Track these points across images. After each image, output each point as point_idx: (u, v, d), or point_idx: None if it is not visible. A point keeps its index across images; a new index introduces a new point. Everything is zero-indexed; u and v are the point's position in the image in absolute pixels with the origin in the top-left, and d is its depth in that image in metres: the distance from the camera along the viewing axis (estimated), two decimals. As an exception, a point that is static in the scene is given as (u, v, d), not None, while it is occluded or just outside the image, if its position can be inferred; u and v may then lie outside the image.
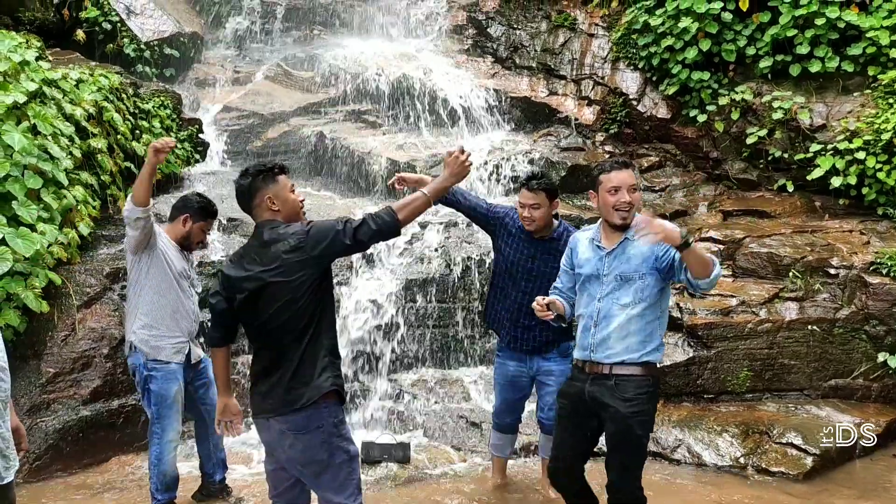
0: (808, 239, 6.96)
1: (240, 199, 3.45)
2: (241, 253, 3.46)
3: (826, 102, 7.77)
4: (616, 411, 3.66)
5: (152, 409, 4.53)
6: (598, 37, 9.46)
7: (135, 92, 7.60)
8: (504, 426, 5.02)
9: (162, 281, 4.54)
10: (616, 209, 3.71)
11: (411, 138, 8.91)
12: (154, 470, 4.54)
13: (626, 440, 3.69)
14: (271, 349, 3.32)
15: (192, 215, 4.65)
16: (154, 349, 4.51)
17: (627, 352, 3.68)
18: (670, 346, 6.48)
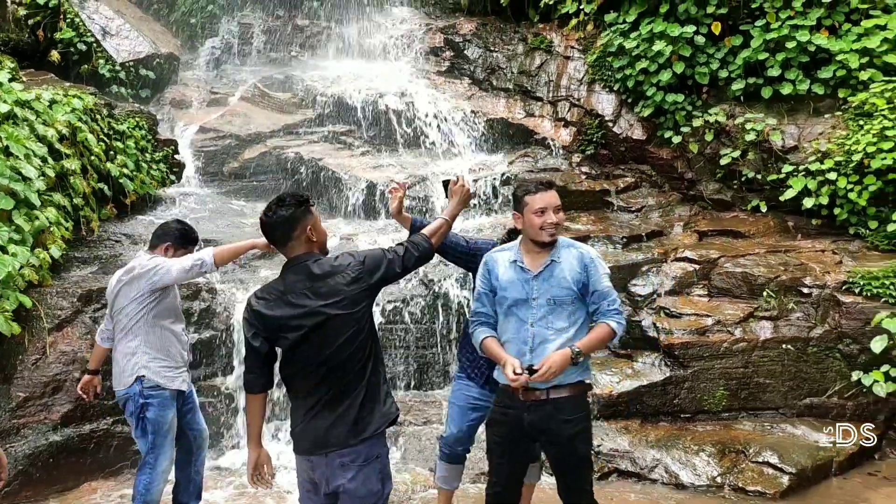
0: (782, 259, 7.03)
1: (278, 230, 3.27)
2: (280, 289, 3.26)
3: (797, 124, 7.90)
4: (558, 434, 3.69)
5: (149, 438, 4.42)
6: (574, 59, 9.56)
7: (109, 113, 7.56)
8: (455, 456, 4.64)
9: (170, 315, 4.52)
10: (543, 229, 3.74)
11: (389, 159, 8.93)
12: (139, 499, 4.41)
13: (574, 460, 3.74)
14: (333, 383, 3.25)
15: (172, 243, 4.60)
16: (166, 379, 4.46)
17: (564, 376, 3.66)
18: (647, 365, 6.52)
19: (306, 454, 3.29)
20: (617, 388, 6.35)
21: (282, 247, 3.33)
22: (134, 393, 4.40)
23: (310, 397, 3.27)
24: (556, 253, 3.76)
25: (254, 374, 3.31)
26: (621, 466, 5.85)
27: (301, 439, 3.30)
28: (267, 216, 3.29)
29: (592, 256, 3.79)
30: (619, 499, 5.43)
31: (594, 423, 6.15)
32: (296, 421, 3.33)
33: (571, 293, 3.72)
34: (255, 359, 3.30)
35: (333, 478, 3.23)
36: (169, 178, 8.17)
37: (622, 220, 8.33)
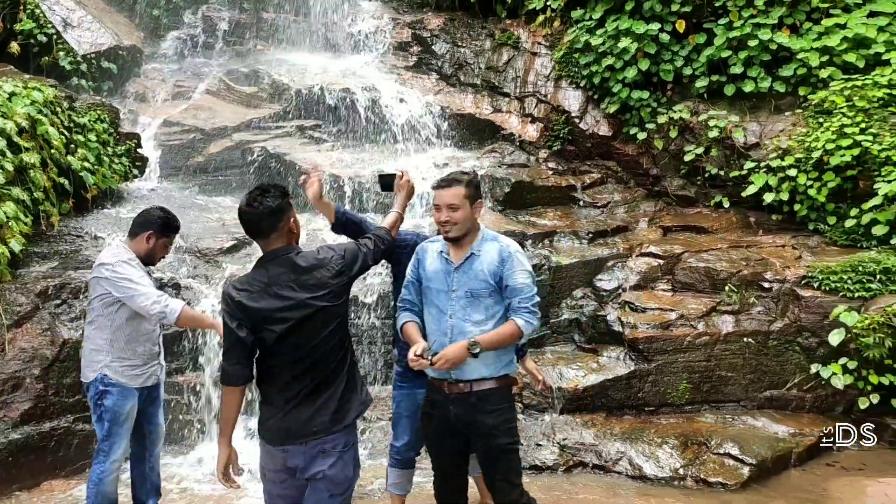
0: (744, 254, 7.14)
1: (264, 220, 3.26)
2: (263, 281, 3.25)
3: (759, 121, 8.02)
4: (481, 426, 3.72)
5: (104, 426, 4.40)
6: (541, 55, 9.60)
7: (70, 105, 7.42)
8: (406, 461, 4.61)
9: (134, 319, 4.46)
10: (439, 224, 3.81)
11: (356, 154, 8.88)
12: (93, 489, 4.39)
13: (497, 451, 3.76)
14: (316, 372, 3.30)
15: (155, 231, 4.53)
16: (129, 377, 4.43)
17: (486, 368, 3.71)
18: (612, 359, 6.59)
19: (282, 444, 3.29)
20: (582, 382, 6.41)
21: (263, 238, 3.31)
22: (95, 379, 4.40)
23: (289, 389, 3.29)
24: (478, 246, 3.79)
25: (238, 365, 3.25)
26: (586, 459, 5.92)
27: (276, 430, 3.30)
28: (252, 206, 3.26)
29: (511, 251, 3.77)
30: (584, 491, 5.49)
31: (559, 417, 6.26)
32: (270, 413, 3.32)
33: (488, 286, 3.73)
34: (241, 350, 3.24)
35: (312, 465, 3.28)
36: (132, 173, 8.05)
37: (588, 215, 8.39)
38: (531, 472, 5.80)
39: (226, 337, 3.28)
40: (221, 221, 7.67)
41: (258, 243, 3.37)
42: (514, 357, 3.91)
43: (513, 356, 3.90)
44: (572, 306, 7.21)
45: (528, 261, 3.84)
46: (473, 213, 3.81)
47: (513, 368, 3.88)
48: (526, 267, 3.77)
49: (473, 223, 3.83)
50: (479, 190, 3.90)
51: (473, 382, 3.73)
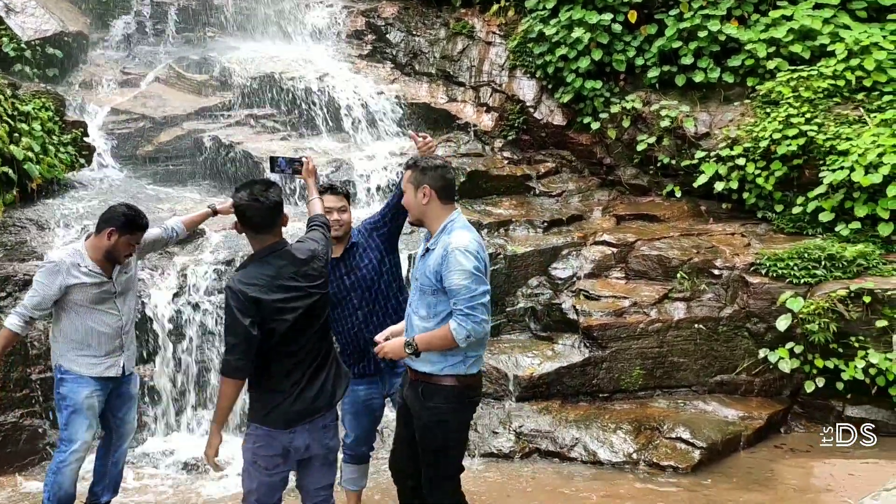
0: (695, 242, 7.28)
1: (269, 214, 3.43)
2: (269, 275, 3.39)
3: (709, 111, 8.16)
4: (419, 417, 3.68)
5: (63, 415, 4.34)
6: (496, 45, 9.61)
7: (13, 93, 7.21)
8: (360, 456, 4.58)
9: (79, 310, 4.36)
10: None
11: (309, 143, 8.80)
12: (51, 478, 4.29)
13: (427, 448, 3.69)
14: (316, 354, 3.55)
15: (117, 228, 4.36)
16: (84, 366, 4.36)
17: (430, 365, 3.62)
18: (567, 347, 6.66)
19: (289, 427, 3.45)
20: (538, 370, 6.47)
21: (264, 232, 3.45)
22: (55, 366, 4.39)
23: (296, 373, 3.47)
24: (435, 240, 3.65)
25: (244, 360, 3.34)
26: (542, 446, 5.98)
27: (285, 414, 3.45)
28: (259, 201, 3.39)
29: (451, 249, 3.52)
30: (540, 477, 5.56)
31: (515, 405, 6.31)
32: (277, 399, 3.45)
33: (431, 284, 3.60)
34: (250, 346, 3.33)
35: (315, 442, 3.53)
36: (78, 162, 7.85)
37: (543, 204, 8.45)
38: (488, 459, 5.85)
39: (235, 333, 3.32)
40: (173, 212, 7.52)
41: (255, 237, 3.48)
42: (465, 356, 3.62)
43: (464, 356, 3.61)
44: (528, 295, 7.26)
45: (472, 258, 3.51)
46: (419, 199, 3.66)
47: (462, 369, 3.63)
48: (464, 266, 3.47)
49: (424, 210, 3.68)
50: (426, 175, 3.67)
51: (421, 374, 3.67)
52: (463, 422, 3.76)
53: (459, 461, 3.81)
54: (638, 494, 5.19)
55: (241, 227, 3.54)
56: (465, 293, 3.47)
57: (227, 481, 5.48)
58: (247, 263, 3.50)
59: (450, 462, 3.74)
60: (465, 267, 3.48)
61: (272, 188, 3.46)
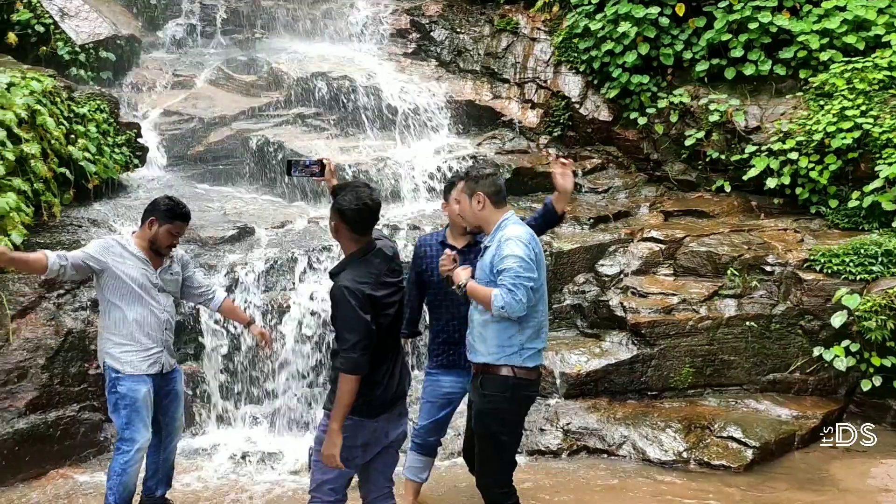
0: (745, 238, 7.15)
1: (375, 215, 3.61)
2: (374, 273, 3.56)
3: (760, 105, 8.01)
4: (476, 406, 3.97)
5: (121, 414, 4.35)
6: (541, 41, 9.57)
7: (69, 95, 7.39)
8: (427, 446, 4.70)
9: (121, 299, 4.41)
10: None
11: (356, 142, 8.87)
12: (115, 480, 4.33)
13: (481, 434, 3.95)
14: (397, 345, 3.77)
15: (157, 218, 4.49)
16: (127, 364, 4.39)
17: (488, 354, 3.89)
18: (615, 344, 6.60)
19: (379, 415, 3.60)
20: (585, 367, 6.42)
21: (364, 232, 3.59)
22: (108, 366, 4.40)
23: (386, 363, 3.65)
24: (490, 238, 3.95)
25: (366, 354, 3.47)
26: (590, 444, 5.94)
27: (379, 402, 3.61)
28: (368, 204, 3.54)
29: (504, 239, 3.85)
30: (588, 475, 5.52)
31: (562, 402, 6.28)
32: (373, 389, 3.57)
33: (486, 277, 3.89)
34: (370, 340, 3.47)
35: (393, 428, 3.70)
36: (132, 162, 8.02)
37: (589, 201, 8.39)
38: (535, 456, 5.84)
39: (357, 330, 3.43)
40: (222, 210, 7.67)
41: (354, 238, 3.59)
42: (521, 348, 3.87)
43: (519, 346, 3.86)
44: (574, 292, 7.21)
45: (523, 246, 3.80)
46: (474, 206, 3.96)
47: (518, 360, 3.86)
48: (515, 252, 3.76)
49: (480, 216, 3.97)
50: (479, 183, 3.96)
51: (479, 365, 3.95)
52: (516, 413, 3.97)
53: (511, 453, 3.99)
54: (689, 494, 5.12)
55: (341, 228, 3.59)
56: (512, 272, 3.74)
57: (272, 474, 5.57)
58: (347, 264, 3.59)
59: (501, 450, 3.93)
60: (516, 253, 3.77)
61: (373, 190, 3.62)
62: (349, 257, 3.62)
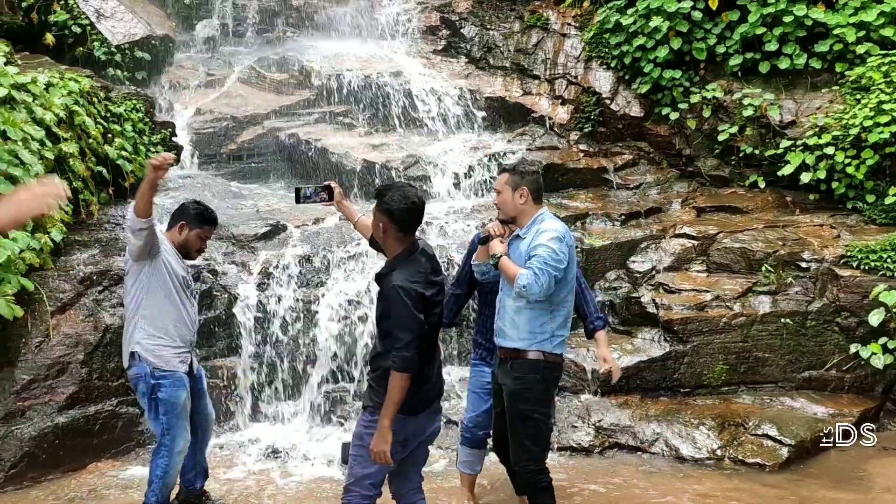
0: (780, 233, 7.06)
1: (421, 214, 3.66)
2: (422, 272, 3.59)
3: (795, 99, 7.90)
4: (506, 388, 4.11)
5: (162, 420, 4.36)
6: (571, 36, 9.52)
7: (106, 95, 7.52)
8: (476, 440, 4.77)
9: (163, 289, 4.44)
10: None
11: (386, 139, 8.91)
12: (158, 483, 4.37)
13: (514, 415, 4.09)
14: (437, 342, 3.78)
15: (188, 222, 4.54)
16: (159, 358, 4.39)
17: (520, 340, 4.07)
18: (647, 341, 6.57)
19: (422, 411, 3.64)
20: (617, 363, 6.37)
21: (411, 231, 3.63)
22: (145, 373, 4.34)
23: (432, 360, 3.71)
24: (526, 230, 4.15)
25: (419, 352, 3.50)
26: (622, 441, 5.92)
27: (425, 398, 3.66)
28: (415, 202, 3.59)
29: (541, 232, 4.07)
30: (621, 472, 5.50)
31: (594, 399, 6.26)
32: (421, 388, 3.60)
33: (521, 265, 4.04)
34: (422, 340, 3.53)
35: (430, 424, 3.73)
36: (167, 161, 8.14)
37: (620, 197, 8.34)
38: (567, 452, 5.83)
39: (411, 329, 3.46)
40: (255, 208, 7.75)
41: (400, 238, 3.61)
42: (552, 335, 4.08)
43: (550, 333, 4.07)
44: (606, 288, 7.18)
45: (557, 241, 4.01)
46: (516, 199, 4.16)
47: (549, 347, 4.08)
48: (550, 245, 3.98)
49: (519, 209, 4.17)
50: (524, 178, 4.19)
51: (509, 350, 4.12)
52: (546, 391, 4.14)
53: (544, 431, 4.16)
54: (723, 491, 5.08)
55: (389, 228, 3.59)
56: (542, 258, 3.94)
57: (305, 468, 5.62)
58: (396, 264, 3.60)
59: (533, 430, 4.08)
60: (550, 244, 3.98)
61: (417, 189, 3.68)
62: (396, 258, 3.63)
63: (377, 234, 3.68)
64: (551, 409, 4.28)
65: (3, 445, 5.19)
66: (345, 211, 4.37)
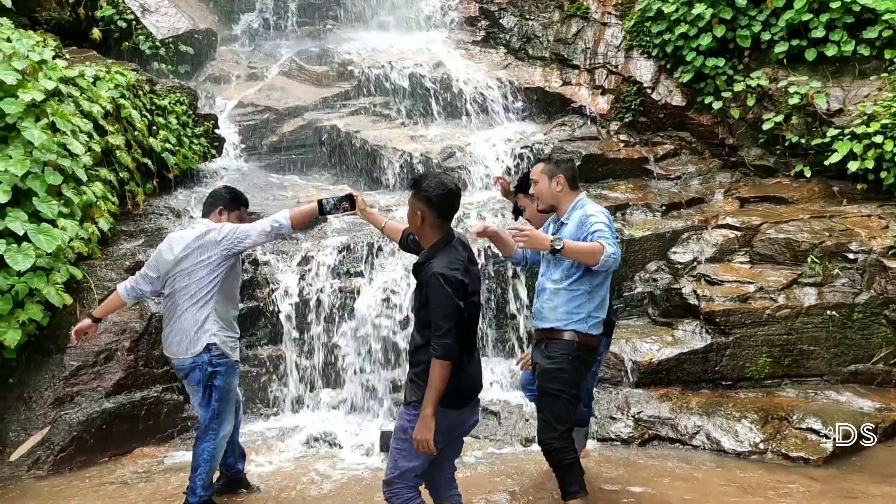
0: (827, 224, 6.91)
1: (458, 199, 3.65)
2: (462, 260, 3.58)
3: (843, 87, 7.71)
4: (538, 367, 4.24)
5: (213, 405, 4.44)
6: (612, 25, 9.43)
7: (151, 88, 7.67)
8: (579, 420, 4.71)
9: (234, 284, 4.57)
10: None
11: (425, 130, 8.94)
12: (205, 466, 4.46)
13: (543, 392, 4.22)
14: (475, 335, 3.74)
15: (225, 207, 4.60)
16: (231, 350, 4.49)
17: (557, 321, 4.19)
18: (687, 333, 6.49)
19: (465, 404, 3.64)
20: (657, 355, 6.34)
21: (449, 217, 3.62)
22: (202, 361, 4.38)
23: (472, 351, 3.69)
24: (567, 215, 4.26)
25: (459, 340, 3.49)
26: (662, 433, 5.86)
27: (468, 390, 3.67)
28: (451, 188, 3.58)
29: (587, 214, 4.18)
30: (660, 464, 5.44)
31: (633, 391, 6.22)
32: (462, 377, 3.58)
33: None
34: (462, 328, 3.51)
35: (470, 416, 3.71)
36: (210, 153, 8.28)
37: (661, 187, 8.25)
38: (605, 443, 5.79)
39: (452, 316, 3.45)
40: (296, 199, 7.83)
41: (437, 225, 3.59)
42: (588, 316, 4.19)
43: (586, 314, 4.18)
44: (646, 279, 7.12)
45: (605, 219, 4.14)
46: (553, 187, 4.28)
47: (584, 327, 4.18)
48: (601, 220, 4.10)
49: (557, 196, 4.30)
50: (560, 167, 4.32)
51: (545, 331, 4.24)
52: (576, 373, 4.21)
53: (571, 412, 4.22)
54: (766, 485, 5.00)
55: (427, 216, 3.57)
56: (605, 232, 4.06)
57: (345, 456, 5.67)
58: (436, 252, 3.56)
59: (562, 410, 4.18)
60: (602, 221, 4.11)
61: (452, 177, 3.64)
62: (433, 246, 3.60)
63: (414, 224, 3.65)
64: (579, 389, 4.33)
65: (53, 430, 5.34)
66: (369, 218, 4.35)
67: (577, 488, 4.17)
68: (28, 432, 5.35)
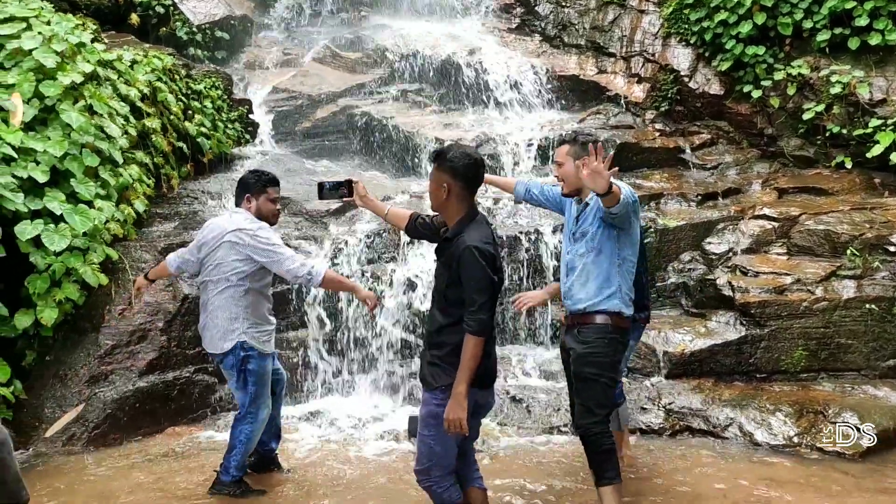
0: (867, 216, 6.76)
1: (482, 169, 3.58)
2: (490, 234, 3.50)
3: (886, 76, 7.52)
4: (573, 352, 4.15)
5: (250, 389, 4.50)
6: (649, 13, 9.30)
7: (187, 73, 7.74)
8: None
9: (268, 280, 4.61)
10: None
11: (458, 117, 8.90)
12: (241, 448, 4.53)
13: (581, 378, 4.12)
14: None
15: (251, 192, 4.60)
16: (263, 344, 4.55)
17: (586, 300, 4.11)
18: (721, 324, 6.39)
19: (489, 385, 3.60)
20: (690, 346, 6.25)
21: (475, 189, 3.54)
22: (235, 347, 4.46)
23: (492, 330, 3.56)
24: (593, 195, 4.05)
25: (492, 314, 3.43)
26: (693, 424, 5.78)
27: (491, 371, 3.61)
28: (474, 157, 3.51)
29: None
30: (692, 456, 5.37)
31: (665, 382, 6.14)
32: (487, 358, 3.51)
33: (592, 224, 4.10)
34: (495, 303, 3.46)
35: (489, 395, 3.64)
36: (244, 137, 8.34)
37: (697, 177, 8.13)
38: (636, 434, 5.73)
39: (486, 290, 3.37)
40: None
41: (463, 198, 3.49)
42: (618, 290, 4.09)
43: (616, 288, 4.09)
44: (679, 270, 7.02)
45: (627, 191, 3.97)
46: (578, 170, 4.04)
47: (613, 304, 4.08)
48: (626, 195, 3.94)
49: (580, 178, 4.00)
50: (586, 149, 3.98)
51: (577, 315, 4.15)
52: (612, 356, 4.13)
53: (609, 396, 4.14)
54: (800, 479, 4.91)
55: (454, 187, 3.46)
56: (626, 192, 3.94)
57: (372, 440, 5.68)
58: (464, 227, 3.46)
59: (600, 394, 4.10)
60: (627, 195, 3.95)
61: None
62: (460, 221, 3.48)
63: (438, 199, 3.51)
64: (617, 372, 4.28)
65: (87, 407, 5.43)
66: (370, 206, 4.08)
67: (613, 474, 4.10)
68: (63, 409, 5.44)
